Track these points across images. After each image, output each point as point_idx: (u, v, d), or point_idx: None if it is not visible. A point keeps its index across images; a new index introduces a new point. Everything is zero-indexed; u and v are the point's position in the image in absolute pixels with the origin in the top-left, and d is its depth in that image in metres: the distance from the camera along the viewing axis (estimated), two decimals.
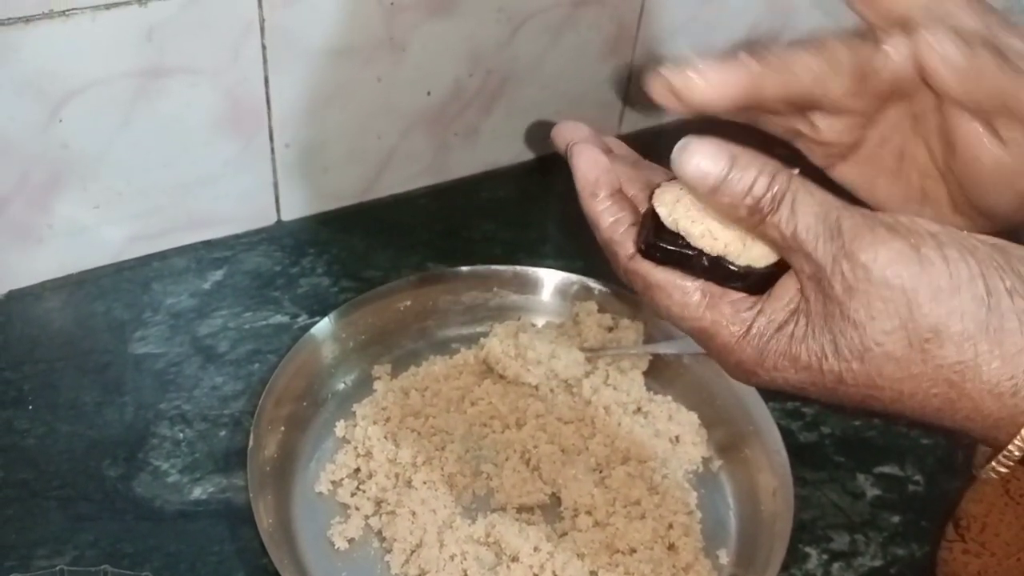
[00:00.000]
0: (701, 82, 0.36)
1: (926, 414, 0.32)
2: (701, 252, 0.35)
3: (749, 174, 0.32)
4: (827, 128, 0.40)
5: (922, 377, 0.31)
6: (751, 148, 0.34)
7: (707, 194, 0.33)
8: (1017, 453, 0.32)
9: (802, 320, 0.33)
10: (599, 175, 0.37)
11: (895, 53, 0.37)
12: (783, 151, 0.41)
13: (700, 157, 0.32)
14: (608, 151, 0.39)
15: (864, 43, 0.38)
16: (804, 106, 0.38)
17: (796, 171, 0.33)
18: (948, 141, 0.39)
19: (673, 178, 0.35)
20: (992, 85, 0.36)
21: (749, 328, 0.34)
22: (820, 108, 0.39)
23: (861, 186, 0.42)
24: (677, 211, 0.35)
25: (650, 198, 0.36)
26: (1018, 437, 0.31)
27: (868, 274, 0.30)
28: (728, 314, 0.34)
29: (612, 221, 0.37)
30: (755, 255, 0.34)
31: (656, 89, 0.36)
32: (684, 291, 0.35)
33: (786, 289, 0.34)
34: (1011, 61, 0.36)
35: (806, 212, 0.32)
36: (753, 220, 0.33)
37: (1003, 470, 0.33)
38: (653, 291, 0.35)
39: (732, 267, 0.34)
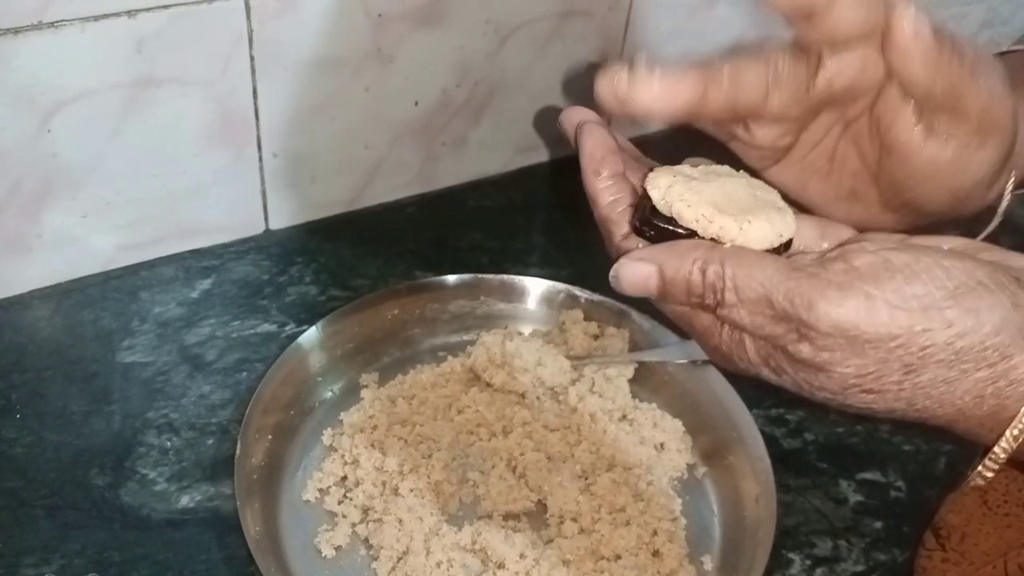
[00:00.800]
0: (648, 90, 0.36)
1: (907, 419, 0.33)
2: (694, 233, 0.35)
3: (681, 275, 0.34)
4: (761, 134, 0.40)
5: (903, 400, 0.32)
6: (681, 237, 0.35)
7: (659, 302, 0.35)
8: (1003, 455, 0.33)
9: (771, 344, 0.33)
10: (605, 155, 0.38)
11: (836, 69, 0.37)
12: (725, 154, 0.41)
13: (629, 281, 0.35)
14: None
15: (803, 56, 0.38)
16: (742, 116, 0.39)
17: (727, 245, 0.34)
18: (882, 143, 0.39)
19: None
20: (950, 77, 0.36)
21: (725, 319, 0.35)
22: (757, 117, 0.39)
23: (793, 187, 0.42)
24: (671, 194, 0.35)
25: (644, 181, 0.37)
26: (1003, 439, 0.32)
27: (835, 339, 0.31)
28: None
29: (611, 200, 0.37)
30: (752, 238, 0.35)
31: (603, 90, 0.36)
32: None
33: None
34: (967, 57, 0.37)
35: (751, 296, 0.33)
36: (707, 309, 0.34)
37: (990, 474, 0.34)
38: None
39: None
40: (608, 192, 0.38)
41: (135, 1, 0.54)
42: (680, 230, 0.35)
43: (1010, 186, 0.42)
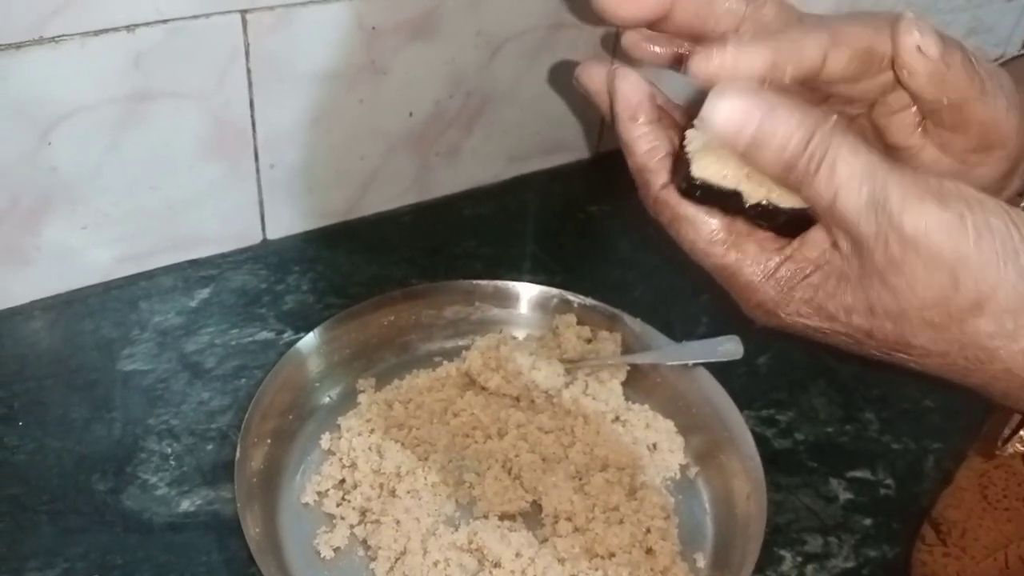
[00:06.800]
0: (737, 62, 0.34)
1: (952, 372, 0.33)
2: (739, 194, 0.33)
3: (783, 130, 0.31)
4: None
5: (956, 343, 0.32)
6: (794, 98, 0.32)
7: (740, 151, 0.32)
8: None
9: (832, 275, 0.32)
10: (641, 99, 0.36)
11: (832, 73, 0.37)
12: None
13: (730, 108, 0.31)
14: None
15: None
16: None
17: (834, 119, 0.32)
18: (887, 144, 0.40)
19: None
20: (956, 93, 0.36)
21: (775, 271, 0.34)
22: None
23: None
24: (707, 158, 0.33)
25: (682, 140, 0.34)
26: None
27: (915, 247, 0.30)
28: (752, 253, 0.34)
29: (648, 148, 0.36)
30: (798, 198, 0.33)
31: (701, 71, 0.34)
32: (710, 226, 0.34)
33: (817, 241, 0.33)
34: (977, 76, 0.37)
35: (848, 178, 0.30)
36: (791, 181, 0.32)
37: None
38: (680, 223, 0.35)
39: (777, 209, 0.33)
40: (645, 140, 0.36)
41: (134, 16, 0.56)
42: (726, 188, 0.34)
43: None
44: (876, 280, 0.31)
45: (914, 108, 0.38)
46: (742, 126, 0.31)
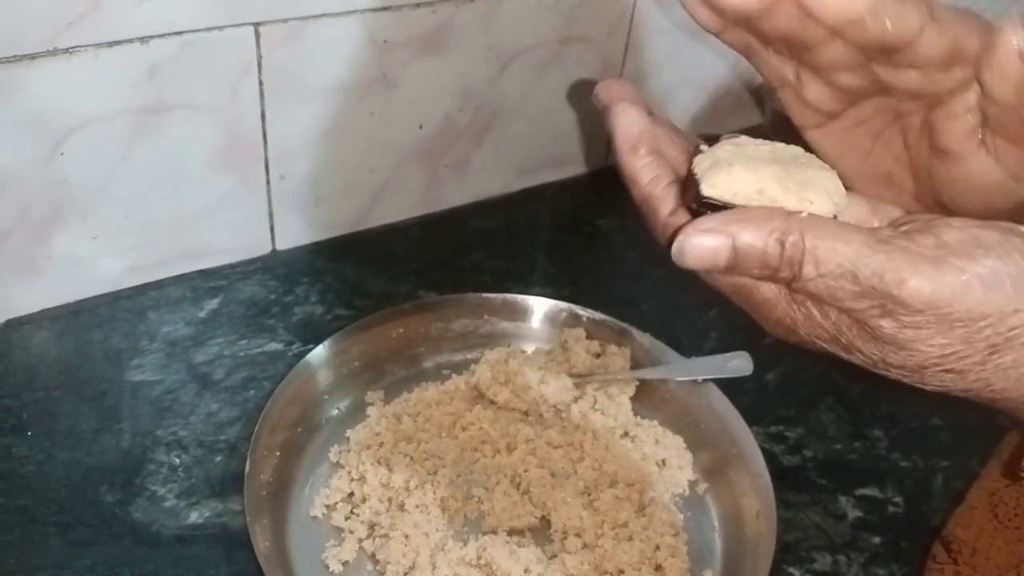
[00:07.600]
0: None
1: (980, 399, 0.33)
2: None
3: (757, 243, 0.31)
4: (811, 91, 0.38)
5: (982, 378, 0.32)
6: (756, 206, 0.32)
7: (724, 273, 0.32)
8: None
9: (845, 316, 0.32)
10: (640, 131, 0.36)
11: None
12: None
13: (697, 255, 0.32)
14: (649, 114, 0.37)
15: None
16: (795, 45, 0.36)
17: (804, 214, 0.32)
18: (931, 143, 0.38)
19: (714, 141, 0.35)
20: None
21: (800, 291, 0.33)
22: (809, 57, 0.36)
23: (828, 157, 0.40)
24: (724, 172, 0.34)
25: (690, 166, 0.35)
26: None
27: (922, 314, 0.30)
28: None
29: (652, 177, 0.35)
30: (817, 209, 0.33)
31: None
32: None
33: None
34: None
35: (833, 271, 0.31)
36: (779, 282, 0.32)
37: None
38: None
39: None
40: (648, 169, 0.35)
41: (148, 28, 0.56)
42: (738, 206, 0.33)
43: None
44: (887, 345, 0.31)
45: (975, 115, 0.36)
46: (715, 255, 0.32)
